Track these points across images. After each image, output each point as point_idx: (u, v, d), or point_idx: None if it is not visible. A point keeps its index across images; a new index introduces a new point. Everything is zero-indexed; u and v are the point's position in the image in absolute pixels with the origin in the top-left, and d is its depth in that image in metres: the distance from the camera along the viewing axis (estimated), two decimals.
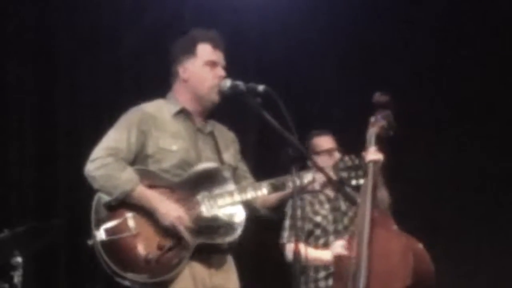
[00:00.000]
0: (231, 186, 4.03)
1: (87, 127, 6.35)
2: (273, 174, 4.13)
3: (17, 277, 5.06)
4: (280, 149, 3.75)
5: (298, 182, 3.69)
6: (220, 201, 3.97)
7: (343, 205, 5.37)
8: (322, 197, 5.38)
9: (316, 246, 5.29)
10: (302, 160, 3.79)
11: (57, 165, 6.36)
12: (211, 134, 4.16)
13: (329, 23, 6.71)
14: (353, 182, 4.00)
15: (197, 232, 3.92)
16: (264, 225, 4.30)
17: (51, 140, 6.39)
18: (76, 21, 6.47)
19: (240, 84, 4.00)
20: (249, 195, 4.01)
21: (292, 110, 3.75)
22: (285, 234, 5.34)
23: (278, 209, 4.18)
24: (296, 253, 3.70)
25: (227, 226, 3.96)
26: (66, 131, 6.43)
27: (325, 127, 5.64)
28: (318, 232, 5.34)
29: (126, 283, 3.87)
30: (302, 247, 5.21)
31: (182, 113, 4.12)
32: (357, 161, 4.01)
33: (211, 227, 3.94)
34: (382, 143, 4.88)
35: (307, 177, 3.99)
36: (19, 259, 5.08)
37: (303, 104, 6.45)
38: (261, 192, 4.03)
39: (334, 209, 5.37)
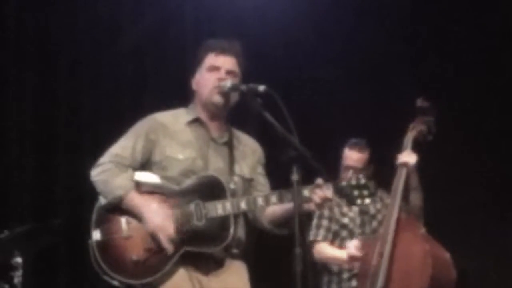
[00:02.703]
0: (226, 197, 4.01)
1: (87, 127, 6.35)
2: (273, 175, 4.12)
3: (17, 278, 5.06)
4: (281, 150, 3.74)
5: (296, 195, 3.68)
6: (212, 212, 3.96)
7: (372, 209, 5.37)
8: None
9: (341, 247, 5.30)
10: (303, 161, 3.78)
11: (57, 166, 6.36)
12: (227, 144, 4.15)
13: (329, 22, 6.71)
14: (358, 201, 3.97)
15: (185, 239, 3.93)
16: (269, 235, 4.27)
17: (51, 141, 6.38)
18: (76, 21, 6.47)
19: (241, 84, 4.00)
20: (242, 206, 3.99)
21: (292, 111, 3.74)
22: (312, 232, 5.36)
23: (283, 226, 4.14)
24: (295, 257, 3.67)
25: (215, 236, 3.96)
26: (66, 131, 6.43)
27: (325, 127, 5.63)
28: (344, 233, 5.35)
29: (115, 283, 3.94)
30: (319, 248, 5.29)
31: (197, 122, 4.13)
32: (362, 181, 3.96)
33: (199, 236, 3.95)
34: (420, 147, 4.90)
35: (305, 193, 3.96)
36: (19, 260, 5.08)
37: (303, 104, 6.44)
38: (254, 204, 4.00)
39: (362, 212, 5.37)
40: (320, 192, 3.95)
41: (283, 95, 3.78)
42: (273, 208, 4.08)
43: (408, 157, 4.90)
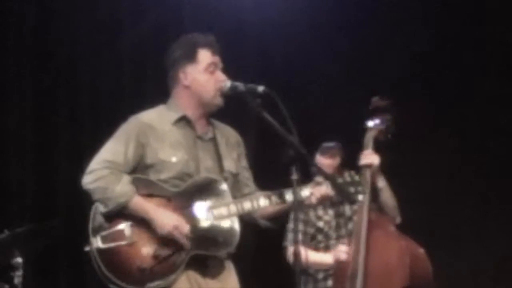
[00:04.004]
0: (228, 198, 4.00)
1: (87, 127, 6.35)
2: (273, 175, 4.12)
3: (17, 278, 5.05)
4: (280, 150, 3.74)
5: (296, 195, 3.69)
6: (216, 213, 3.95)
7: (348, 210, 5.34)
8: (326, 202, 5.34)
9: (316, 249, 5.29)
10: (302, 161, 3.78)
11: (57, 166, 6.36)
12: (212, 140, 4.13)
13: (329, 22, 6.70)
14: (353, 197, 4.00)
15: (192, 243, 3.91)
16: (263, 230, 4.28)
17: (51, 141, 6.38)
18: (76, 21, 6.47)
19: (240, 85, 3.97)
20: (246, 207, 3.99)
21: (292, 111, 3.74)
22: (289, 237, 5.34)
23: (277, 219, 4.16)
24: (296, 256, 3.69)
25: (222, 238, 3.95)
26: (66, 132, 6.43)
27: (325, 127, 5.62)
28: (320, 237, 5.32)
29: None
30: (302, 250, 5.28)
31: (183, 120, 4.10)
32: (356, 177, 4.00)
33: (207, 238, 3.94)
34: (381, 146, 4.90)
35: (305, 191, 3.97)
36: (19, 260, 5.08)
37: (303, 104, 6.44)
38: (258, 204, 4.01)
39: (338, 215, 5.34)
40: (320, 189, 3.97)
41: (283, 95, 3.78)
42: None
43: (370, 158, 4.88)
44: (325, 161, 5.31)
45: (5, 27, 6.35)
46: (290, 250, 5.28)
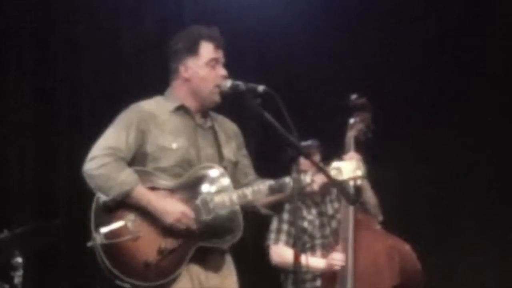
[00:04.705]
0: (229, 187, 3.98)
1: (87, 127, 6.35)
2: (272, 174, 4.12)
3: (17, 278, 5.06)
4: (280, 150, 3.74)
5: (297, 185, 3.67)
6: (219, 203, 3.93)
7: (330, 209, 5.35)
8: (309, 202, 5.33)
9: (302, 251, 5.27)
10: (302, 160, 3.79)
11: (57, 165, 6.36)
12: (211, 129, 4.12)
13: (329, 22, 6.71)
14: (352, 183, 4.02)
15: (197, 235, 3.90)
16: (262, 226, 4.29)
17: (51, 140, 6.39)
18: (76, 21, 6.47)
19: (240, 84, 3.96)
20: (248, 197, 3.97)
21: (292, 111, 3.74)
22: (272, 236, 5.33)
23: (277, 207, 4.17)
24: (295, 258, 3.68)
25: (226, 229, 3.94)
26: (66, 131, 6.43)
27: (325, 127, 5.62)
28: (305, 237, 5.32)
29: (126, 286, 3.86)
30: (289, 251, 5.28)
31: (181, 109, 4.08)
32: (354, 162, 4.01)
33: (211, 230, 3.92)
34: (361, 145, 4.89)
35: (306, 179, 3.96)
36: (19, 260, 5.08)
37: (303, 104, 6.44)
38: (260, 194, 3.99)
39: (321, 214, 5.34)
40: (321, 176, 3.97)
41: (283, 95, 3.78)
42: None
43: (352, 158, 4.88)
44: (303, 160, 5.31)
45: (5, 27, 6.34)
46: (273, 249, 5.28)
